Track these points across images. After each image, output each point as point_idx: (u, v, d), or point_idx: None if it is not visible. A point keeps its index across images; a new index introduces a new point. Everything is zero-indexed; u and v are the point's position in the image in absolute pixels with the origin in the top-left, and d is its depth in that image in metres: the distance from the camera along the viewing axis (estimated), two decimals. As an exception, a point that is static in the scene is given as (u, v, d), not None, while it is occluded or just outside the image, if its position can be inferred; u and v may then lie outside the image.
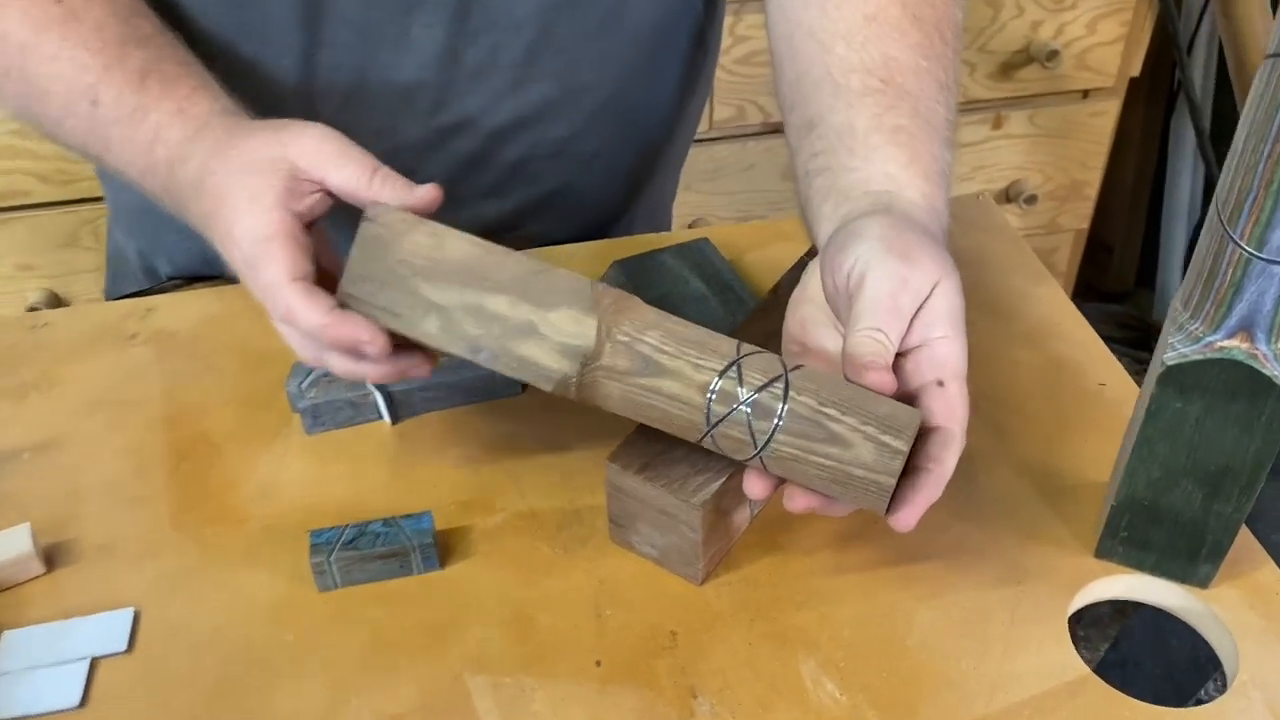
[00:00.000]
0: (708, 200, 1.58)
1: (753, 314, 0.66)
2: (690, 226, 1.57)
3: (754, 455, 0.51)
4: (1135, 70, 1.60)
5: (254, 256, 0.54)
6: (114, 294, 0.95)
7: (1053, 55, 1.49)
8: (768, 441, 0.50)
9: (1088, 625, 0.62)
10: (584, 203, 0.86)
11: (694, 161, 1.56)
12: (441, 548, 0.61)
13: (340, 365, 0.56)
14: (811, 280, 0.58)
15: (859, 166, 0.59)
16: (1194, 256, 0.50)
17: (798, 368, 0.51)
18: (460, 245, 0.54)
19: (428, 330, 0.54)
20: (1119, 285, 2.08)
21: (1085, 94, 1.61)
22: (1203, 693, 1.20)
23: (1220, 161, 1.74)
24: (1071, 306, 0.76)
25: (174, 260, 0.86)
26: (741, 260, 0.81)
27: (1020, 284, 0.78)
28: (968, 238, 0.81)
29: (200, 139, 0.58)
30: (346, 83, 0.72)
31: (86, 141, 0.63)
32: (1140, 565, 0.59)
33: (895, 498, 0.49)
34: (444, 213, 0.80)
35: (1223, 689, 0.55)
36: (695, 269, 0.76)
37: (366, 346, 0.53)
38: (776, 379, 0.50)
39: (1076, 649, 0.55)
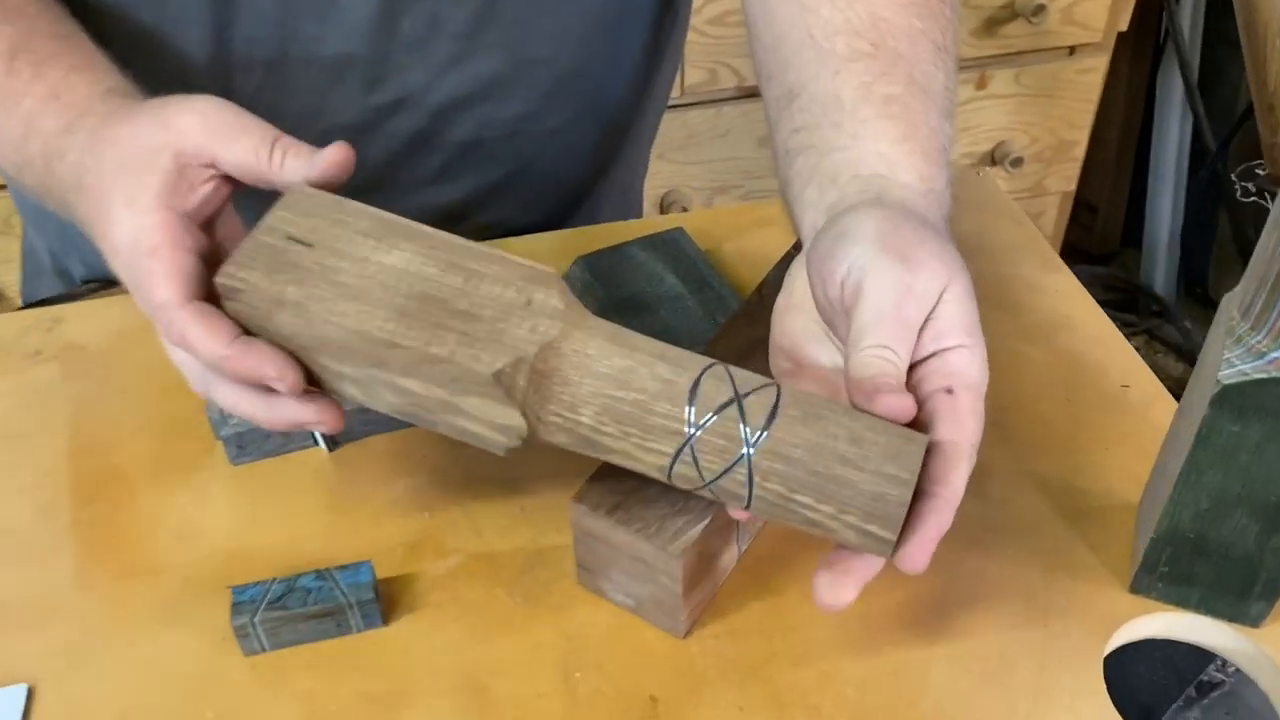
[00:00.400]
0: (680, 171, 1.50)
1: (734, 318, 0.58)
2: (662, 200, 1.49)
3: (739, 460, 0.43)
4: (1124, 24, 1.52)
5: (138, 273, 0.45)
6: (29, 295, 0.86)
7: (1039, 10, 1.42)
8: (748, 502, 0.43)
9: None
10: (543, 187, 0.78)
11: (665, 129, 1.47)
12: (385, 600, 0.53)
13: (233, 400, 0.47)
14: (798, 284, 0.50)
15: (847, 145, 0.51)
16: (1254, 258, 0.43)
17: (762, 434, 0.43)
18: (332, 327, 0.44)
19: (351, 396, 0.46)
20: (1104, 246, 2.02)
21: (1072, 50, 1.54)
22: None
23: (1209, 113, 1.69)
24: (1087, 296, 0.69)
25: (86, 260, 0.77)
26: (720, 251, 0.73)
27: (1028, 272, 0.70)
28: (967, 219, 0.74)
29: (76, 130, 0.49)
30: (266, 57, 0.63)
31: None
32: (1183, 602, 0.52)
33: (902, 530, 0.42)
34: (387, 201, 0.72)
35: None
36: (669, 263, 0.68)
37: (275, 383, 0.45)
38: (738, 462, 0.43)
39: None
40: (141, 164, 0.46)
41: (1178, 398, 0.53)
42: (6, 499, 0.58)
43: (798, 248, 0.63)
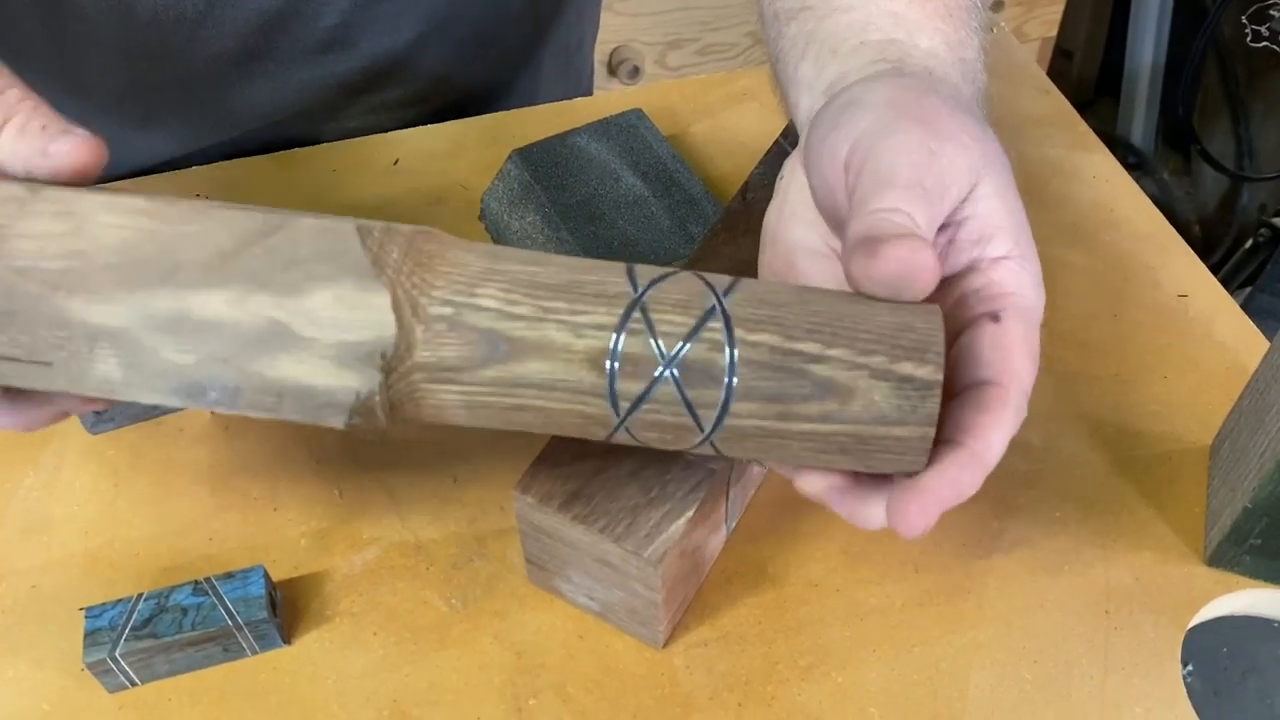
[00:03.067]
0: (631, 24, 1.35)
1: (713, 232, 0.46)
2: (610, 58, 1.34)
3: (703, 440, 0.32)
4: None
5: None
6: None
7: None
8: (720, 419, 0.31)
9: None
10: (467, 52, 0.63)
11: (613, -26, 1.32)
12: (286, 609, 0.42)
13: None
14: (793, 187, 0.38)
15: (851, 3, 0.39)
16: None
17: (735, 284, 0.32)
18: (116, 219, 0.32)
19: (104, 378, 0.33)
20: (1080, 95, 1.91)
21: (1061, -123, 1.38)
22: None
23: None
24: (1130, 182, 0.57)
25: None
26: (687, 135, 0.60)
27: (1059, 153, 0.59)
28: (980, 86, 0.61)
29: None
30: None
31: None
32: (1274, 577, 0.42)
33: (901, 487, 0.31)
34: (263, 78, 0.58)
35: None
36: (626, 156, 0.55)
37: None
38: (710, 314, 0.31)
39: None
40: None
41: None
42: None
43: (787, 135, 0.51)
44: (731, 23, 1.39)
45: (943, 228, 0.33)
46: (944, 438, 0.31)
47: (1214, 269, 1.57)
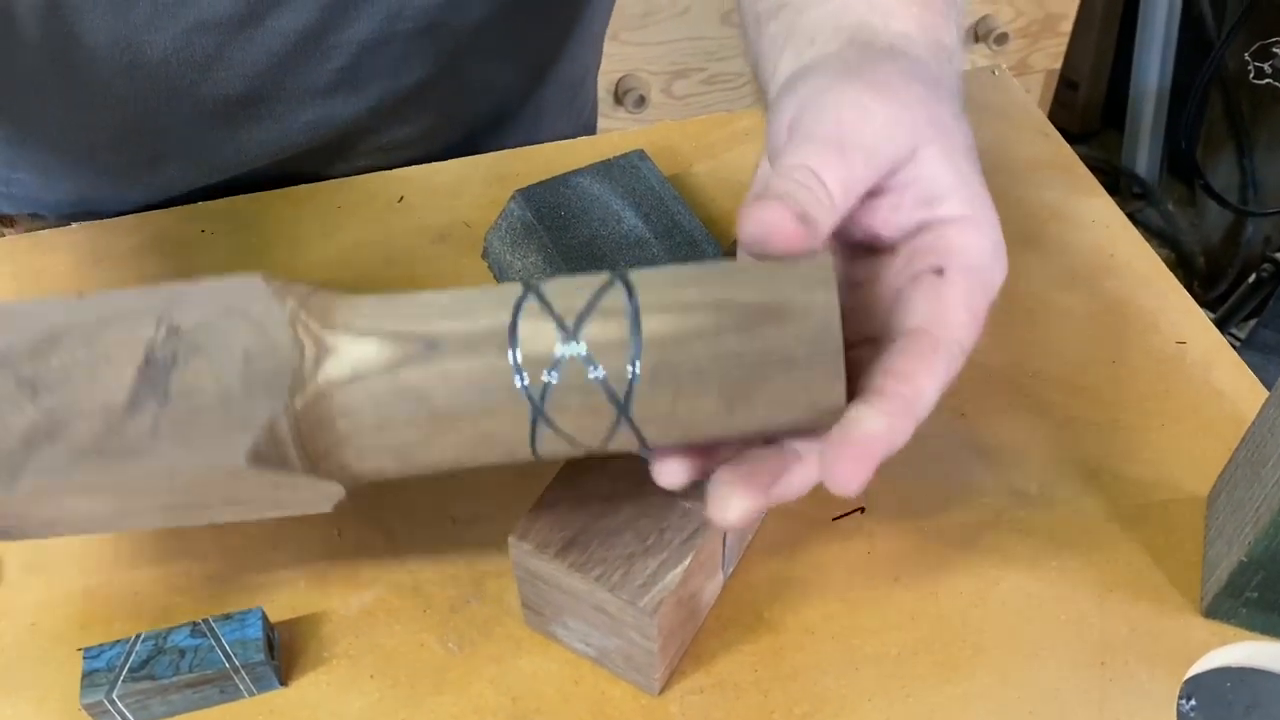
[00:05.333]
0: (637, 53, 1.36)
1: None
2: (616, 87, 1.35)
3: (618, 420, 0.32)
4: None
5: None
6: None
7: None
8: (632, 383, 0.31)
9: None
10: (469, 96, 0.64)
11: (621, 6, 1.32)
12: (284, 651, 0.42)
13: None
14: (764, 173, 0.38)
15: None
16: None
17: (631, 371, 0.31)
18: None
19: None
20: (1084, 125, 1.92)
21: (1064, -86, 1.40)
22: None
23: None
24: (1130, 227, 0.57)
25: None
26: (689, 175, 0.61)
27: (1057, 197, 0.59)
28: (979, 129, 0.61)
29: None
30: None
31: None
32: (1271, 630, 0.42)
33: (830, 440, 0.30)
34: (270, 117, 0.59)
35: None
36: (628, 197, 0.55)
37: None
38: (607, 286, 0.31)
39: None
40: None
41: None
42: None
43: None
44: (736, 53, 1.40)
45: (884, 191, 0.33)
46: (873, 386, 0.31)
47: (1218, 301, 1.57)
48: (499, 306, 0.31)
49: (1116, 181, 1.86)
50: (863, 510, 0.46)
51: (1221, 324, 1.51)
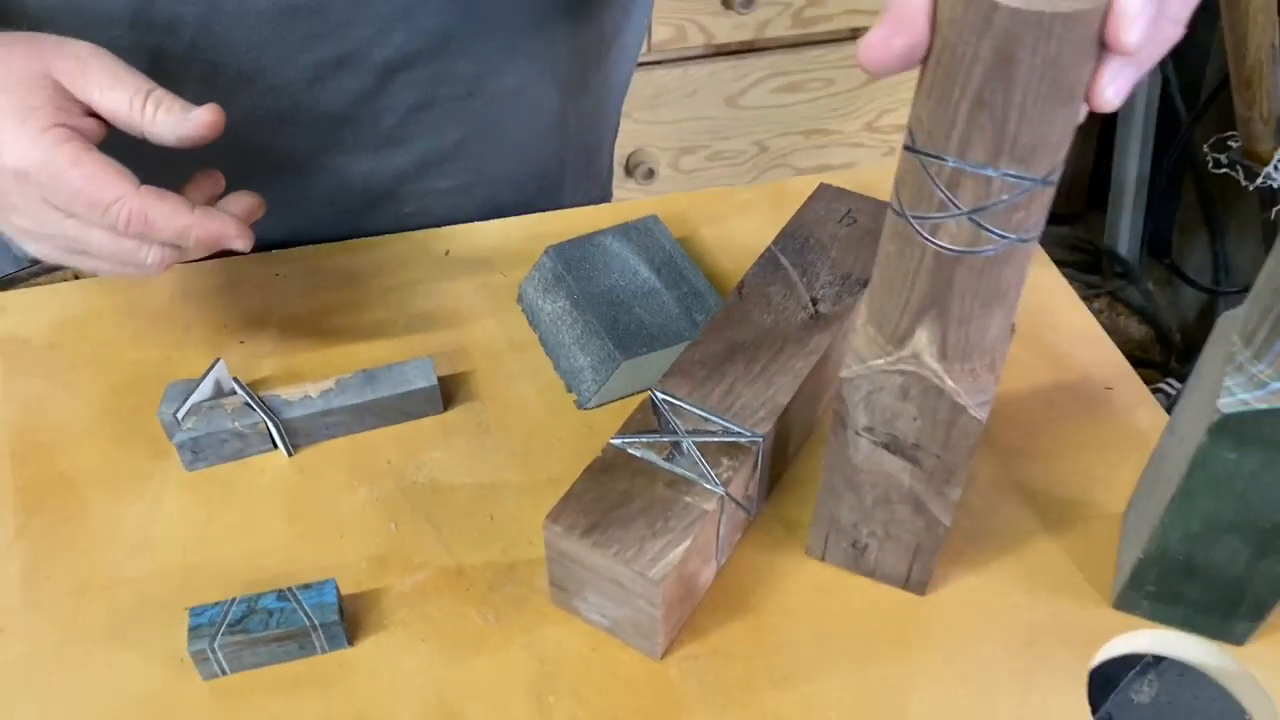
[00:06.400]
0: (648, 130, 1.47)
1: (713, 321, 0.56)
2: (628, 161, 1.46)
3: None
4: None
5: (67, 187, 0.48)
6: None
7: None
8: None
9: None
10: (501, 151, 0.74)
11: (632, 88, 1.43)
12: (350, 618, 0.51)
13: (161, 258, 0.52)
14: None
15: None
16: (1256, 287, 0.42)
17: None
18: None
19: None
20: (1069, 207, 2.02)
21: None
22: None
23: (1179, 74, 1.67)
24: (1070, 290, 0.67)
25: None
26: (696, 237, 0.70)
27: (1011, 264, 0.69)
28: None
29: None
30: (195, 14, 0.59)
31: None
32: (1167, 620, 0.51)
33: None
34: (331, 168, 0.68)
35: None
36: (643, 254, 0.65)
37: (234, 241, 0.52)
38: None
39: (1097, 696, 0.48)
40: (22, 87, 0.48)
41: (1138, 364, 0.51)
42: (-55, 508, 0.55)
43: (779, 242, 0.61)
44: (739, 132, 1.51)
45: None
46: None
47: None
48: None
49: (1099, 261, 1.95)
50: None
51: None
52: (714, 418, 0.51)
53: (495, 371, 0.62)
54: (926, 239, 0.38)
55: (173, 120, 0.50)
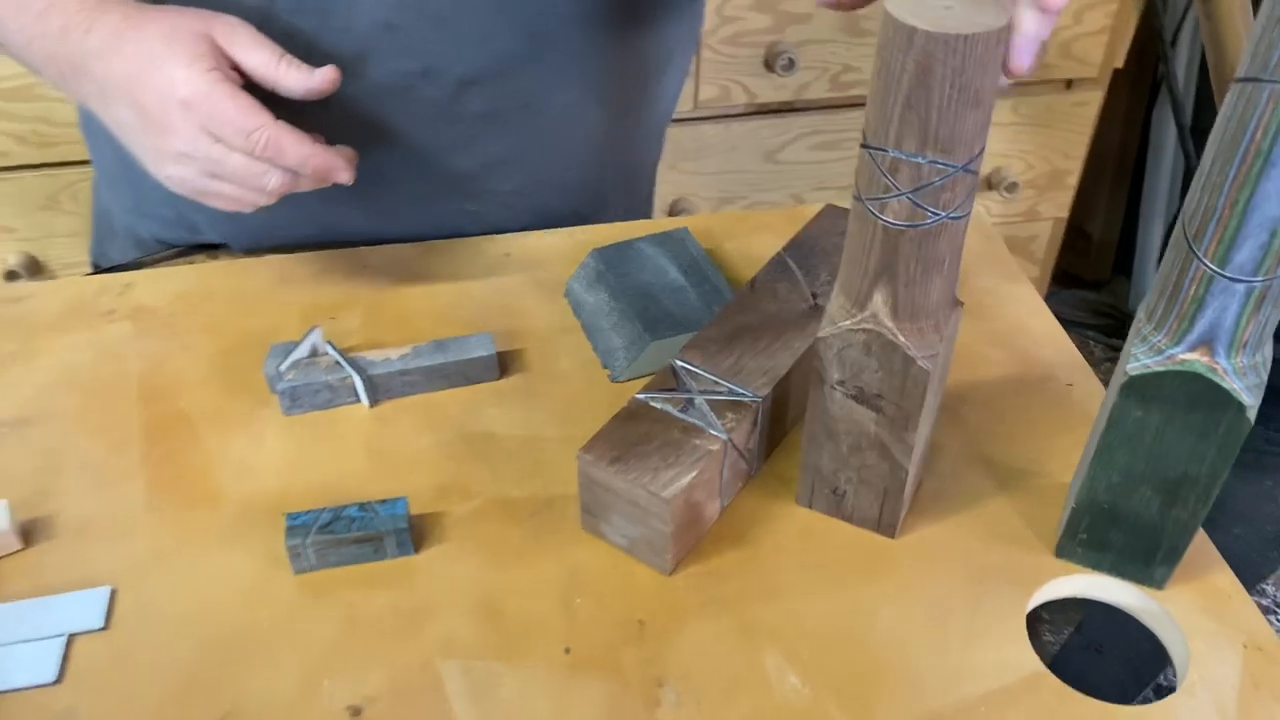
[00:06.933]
0: (690, 180, 1.59)
1: (727, 308, 0.67)
2: (671, 206, 1.58)
3: None
4: (1119, 62, 1.60)
5: (223, 112, 0.62)
6: (99, 256, 0.95)
7: (1038, 45, 1.50)
8: None
9: (1054, 610, 0.63)
10: (552, 159, 0.84)
11: (678, 141, 1.56)
12: (416, 533, 0.61)
13: (282, 184, 0.66)
14: None
15: None
16: (1159, 272, 0.52)
17: None
18: None
19: None
20: (1097, 273, 2.10)
21: (1069, 84, 1.62)
22: (1163, 678, 1.23)
23: (1200, 145, 1.76)
24: (1043, 306, 0.77)
25: (156, 227, 0.86)
26: (720, 249, 0.82)
27: (993, 282, 0.79)
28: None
29: (105, 9, 0.64)
30: (308, 26, 0.71)
31: None
32: (1098, 566, 0.60)
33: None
34: (420, 164, 0.79)
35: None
36: (674, 258, 0.76)
37: (340, 173, 0.67)
38: None
39: (1040, 636, 0.57)
40: (190, 38, 0.63)
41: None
42: (86, 437, 0.67)
43: (788, 249, 0.72)
44: (776, 186, 1.63)
45: None
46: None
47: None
48: None
49: (1123, 325, 2.03)
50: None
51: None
52: (722, 381, 0.62)
53: (543, 350, 0.73)
54: (877, 216, 0.48)
55: (301, 75, 0.65)
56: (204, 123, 0.62)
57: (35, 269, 1.47)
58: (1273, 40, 0.42)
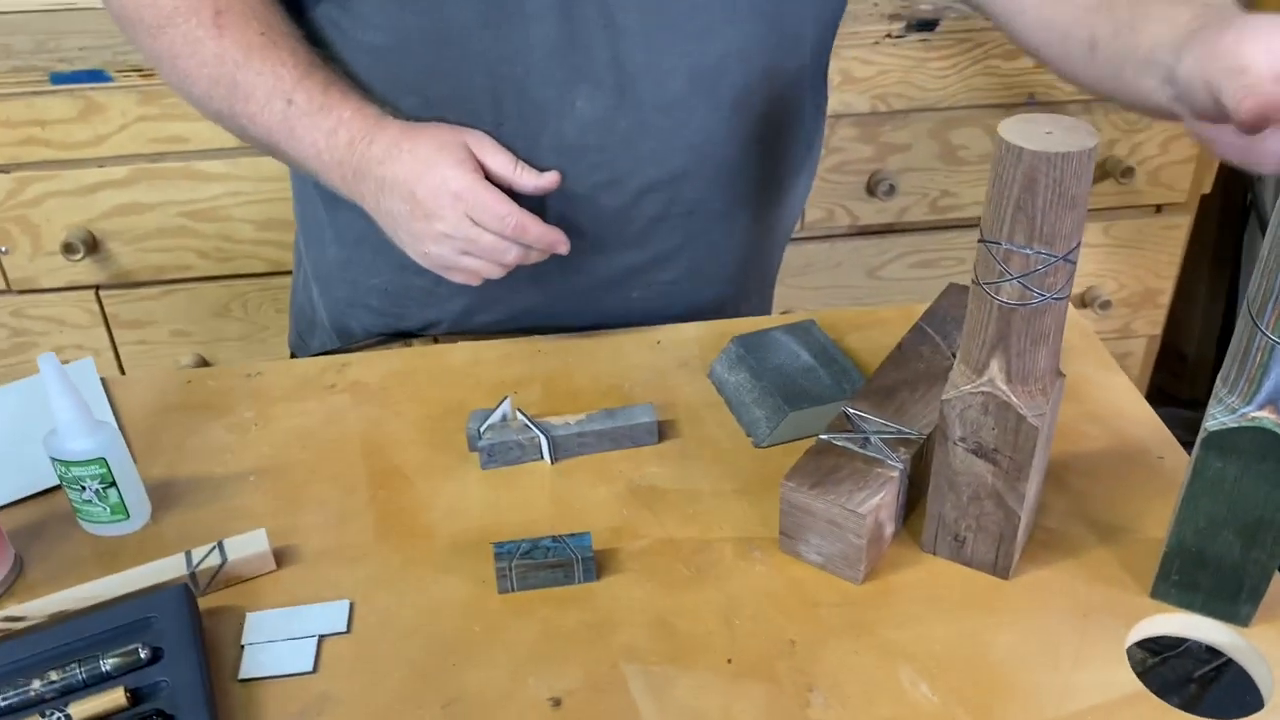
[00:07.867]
0: (797, 294, 1.71)
1: (884, 364, 0.80)
2: (783, 314, 1.70)
3: None
4: (1206, 188, 1.69)
5: (483, 201, 0.80)
6: (297, 348, 1.11)
7: (1128, 172, 1.60)
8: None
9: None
10: (706, 255, 0.98)
11: (788, 258, 1.69)
12: (596, 564, 0.73)
13: (517, 257, 0.84)
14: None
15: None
16: (1231, 344, 0.62)
17: None
18: None
19: None
20: (1193, 392, 2.14)
21: (1158, 208, 1.70)
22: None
23: None
24: (1136, 392, 0.87)
25: (365, 321, 1.02)
26: (844, 340, 0.94)
27: (1090, 370, 0.90)
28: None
29: (382, 127, 0.82)
30: (525, 146, 0.87)
31: (272, 130, 0.84)
32: (1190, 605, 0.69)
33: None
34: (603, 258, 0.95)
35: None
36: (804, 344, 0.89)
37: (560, 246, 0.85)
38: None
39: (1149, 672, 0.66)
40: (455, 147, 0.82)
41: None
42: (321, 484, 0.81)
43: (926, 317, 0.84)
44: (877, 300, 1.74)
45: None
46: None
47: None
48: None
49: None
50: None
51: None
52: (890, 423, 0.73)
53: (693, 420, 0.86)
54: (993, 296, 0.60)
55: (532, 176, 0.84)
56: (468, 210, 0.80)
57: (204, 367, 1.64)
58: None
